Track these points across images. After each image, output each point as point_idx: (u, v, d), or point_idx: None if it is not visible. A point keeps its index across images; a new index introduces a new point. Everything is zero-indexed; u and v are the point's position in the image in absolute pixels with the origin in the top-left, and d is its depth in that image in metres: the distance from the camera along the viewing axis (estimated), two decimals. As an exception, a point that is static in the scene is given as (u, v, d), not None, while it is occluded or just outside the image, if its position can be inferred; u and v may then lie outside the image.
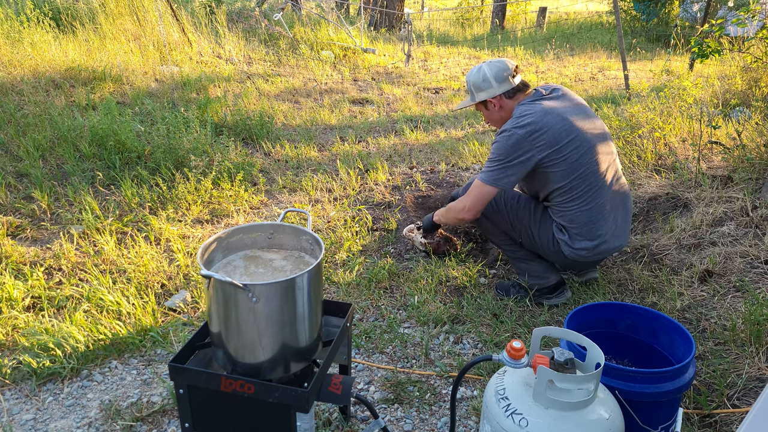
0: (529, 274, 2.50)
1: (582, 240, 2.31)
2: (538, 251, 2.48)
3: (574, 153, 2.20)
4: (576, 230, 2.31)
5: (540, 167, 2.24)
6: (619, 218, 2.37)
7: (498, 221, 2.47)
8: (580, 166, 2.22)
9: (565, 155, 2.19)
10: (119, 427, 1.83)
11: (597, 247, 2.31)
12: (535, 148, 2.19)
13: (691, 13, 10.89)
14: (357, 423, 1.88)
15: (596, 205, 2.27)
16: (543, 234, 2.39)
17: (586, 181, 2.24)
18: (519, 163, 2.21)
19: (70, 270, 2.66)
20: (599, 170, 2.26)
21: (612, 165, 2.34)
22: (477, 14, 14.09)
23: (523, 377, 1.37)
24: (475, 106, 2.46)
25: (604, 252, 2.35)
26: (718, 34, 3.74)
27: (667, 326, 1.69)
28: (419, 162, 4.33)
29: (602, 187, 2.27)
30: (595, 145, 2.25)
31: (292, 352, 1.49)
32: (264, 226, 1.67)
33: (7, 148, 3.83)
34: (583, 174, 2.23)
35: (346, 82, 7.00)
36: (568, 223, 2.31)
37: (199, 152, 3.89)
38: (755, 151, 3.36)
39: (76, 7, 6.72)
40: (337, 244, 3.02)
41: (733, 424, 1.77)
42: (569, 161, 2.20)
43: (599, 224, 2.29)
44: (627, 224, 2.42)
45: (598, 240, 2.30)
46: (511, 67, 2.34)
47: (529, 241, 2.45)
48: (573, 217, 2.29)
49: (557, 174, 2.23)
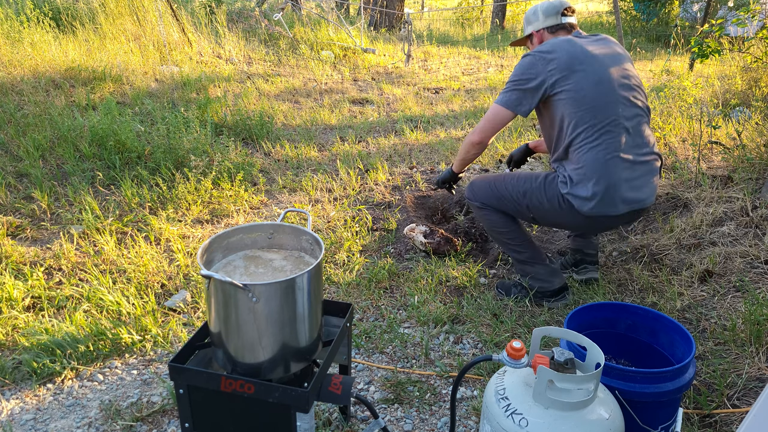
0: (534, 278, 2.47)
1: (588, 183, 2.12)
2: (552, 220, 2.36)
3: (583, 81, 2.12)
4: (582, 173, 2.13)
5: (551, 97, 2.18)
6: (639, 170, 2.17)
7: (504, 205, 2.38)
8: (591, 100, 2.12)
9: (574, 81, 2.12)
10: (119, 427, 1.83)
11: (608, 193, 2.11)
12: (546, 71, 2.15)
13: (691, 13, 10.89)
14: (357, 423, 1.88)
15: (607, 145, 2.11)
16: (550, 196, 2.24)
17: (596, 117, 2.12)
18: (531, 88, 2.18)
19: (70, 270, 2.66)
20: (615, 111, 2.12)
21: (638, 118, 2.19)
22: (477, 14, 14.09)
23: (523, 377, 1.37)
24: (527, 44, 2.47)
25: (617, 203, 2.13)
26: (718, 34, 3.74)
27: (667, 326, 1.69)
28: (419, 162, 4.33)
29: (617, 128, 2.12)
30: (615, 87, 2.15)
31: (292, 352, 1.49)
32: (264, 226, 1.67)
33: (7, 148, 3.83)
34: (594, 107, 2.12)
35: (346, 82, 7.00)
36: (573, 169, 2.16)
37: (199, 152, 3.89)
38: (755, 151, 3.36)
39: (76, 7, 6.72)
40: (337, 244, 3.02)
41: (733, 424, 1.77)
42: (577, 89, 2.12)
43: (609, 165, 2.11)
44: (649, 179, 2.21)
45: (606, 182, 2.10)
46: (564, 5, 2.35)
47: (540, 211, 2.30)
48: (579, 158, 2.14)
49: (565, 103, 2.14)
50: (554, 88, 2.16)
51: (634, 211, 2.23)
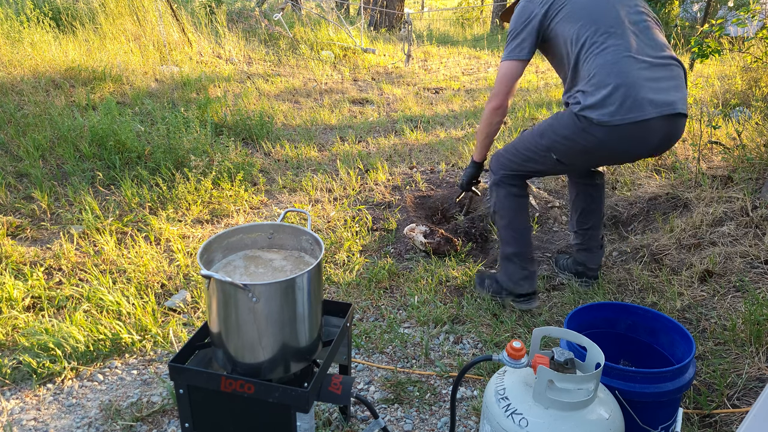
0: (506, 274, 2.42)
1: (603, 89, 1.93)
2: (577, 152, 2.11)
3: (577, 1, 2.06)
4: (595, 82, 1.96)
5: (549, 26, 2.13)
6: (660, 71, 1.99)
7: (527, 163, 2.25)
8: (588, 10, 2.04)
9: (568, 1, 2.08)
10: (119, 427, 1.83)
11: (628, 94, 1.91)
12: (537, 5, 2.12)
13: (691, 13, 10.90)
14: (357, 423, 1.88)
15: (616, 47, 1.97)
16: (566, 122, 2.08)
17: (597, 22, 2.02)
18: (527, 27, 2.14)
19: (70, 270, 2.66)
20: (617, 14, 2.02)
21: (645, 23, 2.06)
22: (477, 14, 14.10)
23: (523, 377, 1.37)
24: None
25: (644, 105, 1.92)
26: (718, 34, 3.74)
27: (667, 326, 1.69)
28: (419, 162, 4.33)
29: (623, 29, 2.00)
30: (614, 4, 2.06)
31: (292, 352, 1.49)
32: (264, 226, 1.67)
33: (7, 148, 3.83)
34: (592, 13, 2.03)
35: (346, 82, 7.00)
36: (585, 83, 1.99)
37: (199, 152, 3.89)
38: (755, 151, 3.36)
39: (76, 7, 6.72)
40: (337, 244, 3.02)
41: (733, 424, 1.77)
42: (572, 7, 2.06)
43: (623, 65, 1.94)
44: (675, 83, 2.01)
45: (623, 81, 1.91)
46: None
47: (561, 146, 2.12)
48: (589, 69, 1.98)
49: (563, 24, 2.07)
50: (549, 16, 2.11)
51: (668, 122, 1.97)
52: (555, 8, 2.10)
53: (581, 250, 2.62)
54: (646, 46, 2.02)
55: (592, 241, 2.59)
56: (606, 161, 2.34)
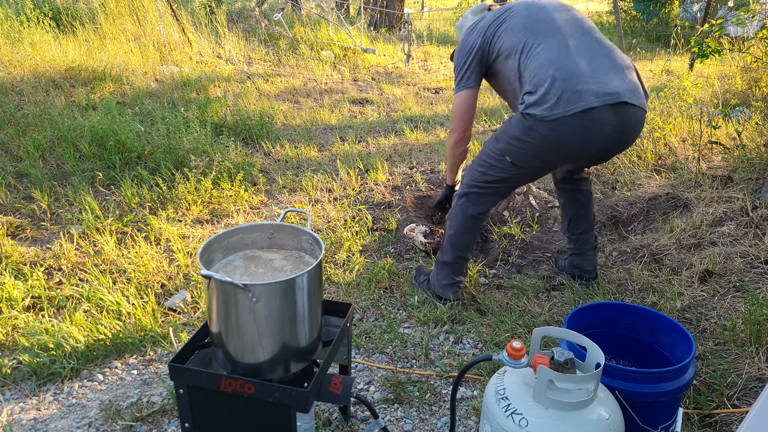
0: (438, 276, 2.48)
1: (543, 85, 1.96)
2: (530, 153, 2.11)
3: (514, 18, 2.17)
4: (536, 81, 1.99)
5: (491, 48, 2.22)
6: (602, 63, 2.01)
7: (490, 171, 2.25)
8: (526, 22, 2.12)
9: (506, 21, 2.18)
10: (119, 427, 1.83)
11: (567, 85, 1.92)
12: (477, 35, 2.24)
13: (691, 13, 10.90)
14: (357, 423, 1.88)
15: (552, 47, 2.02)
16: (515, 123, 2.10)
17: (534, 29, 2.08)
18: (470, 58, 2.26)
19: (70, 270, 2.66)
20: (555, 23, 2.08)
21: (588, 34, 2.11)
22: (477, 14, 14.07)
23: (523, 377, 1.37)
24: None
25: (586, 95, 1.92)
26: (718, 34, 3.74)
27: (667, 326, 1.69)
28: (419, 162, 4.33)
29: (561, 35, 2.05)
30: (549, 10, 2.15)
31: (292, 352, 1.49)
32: (264, 226, 1.67)
33: (7, 148, 3.83)
34: (530, 23, 2.11)
35: (346, 82, 7.00)
36: (528, 84, 2.03)
37: (199, 152, 3.89)
38: (755, 151, 3.36)
39: (76, 7, 6.72)
40: (337, 244, 3.02)
41: (733, 424, 1.77)
42: (511, 24, 2.16)
43: (560, 60, 1.98)
44: (620, 74, 2.02)
45: (561, 74, 1.94)
46: (489, 4, 2.46)
47: (514, 149, 2.12)
48: (530, 72, 2.02)
49: (504, 40, 2.15)
50: (487, 41, 2.22)
51: (615, 112, 1.96)
52: (493, 29, 2.21)
53: (575, 254, 2.65)
54: (585, 43, 2.06)
55: (585, 245, 2.61)
56: (562, 161, 2.26)
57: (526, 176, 2.31)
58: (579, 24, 2.14)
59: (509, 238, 3.11)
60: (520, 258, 2.97)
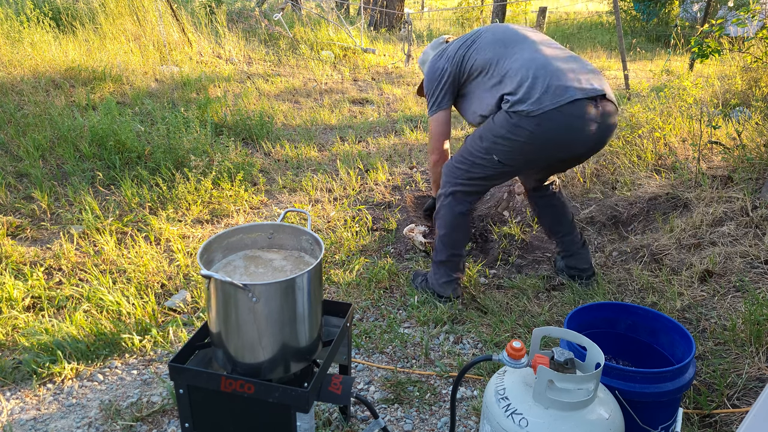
0: (436, 275, 2.51)
1: (525, 82, 2.04)
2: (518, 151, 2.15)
3: (482, 39, 2.27)
4: (517, 81, 2.07)
5: (463, 70, 2.30)
6: (576, 64, 2.14)
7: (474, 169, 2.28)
8: (497, 39, 2.24)
9: (475, 42, 2.28)
10: (119, 427, 1.83)
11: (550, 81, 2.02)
12: (447, 60, 2.32)
13: (691, 13, 10.89)
14: (357, 423, 1.88)
15: (526, 49, 2.14)
16: (499, 122, 2.13)
17: (506, 43, 2.20)
18: (441, 83, 2.35)
19: (70, 270, 2.66)
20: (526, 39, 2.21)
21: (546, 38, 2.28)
22: (477, 14, 14.07)
23: (523, 377, 1.37)
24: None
25: (568, 89, 2.02)
26: (718, 34, 3.74)
27: (667, 326, 1.69)
28: (419, 162, 4.33)
29: (530, 42, 2.18)
30: (517, 29, 2.28)
31: (292, 352, 1.49)
32: (264, 226, 1.67)
33: (7, 148, 3.83)
34: (502, 39, 2.23)
35: (346, 82, 7.00)
36: (509, 84, 2.10)
37: (199, 152, 3.89)
38: (755, 151, 3.36)
39: (76, 7, 6.72)
40: (337, 244, 3.02)
41: (733, 424, 1.77)
42: (480, 43, 2.26)
43: (538, 60, 2.08)
44: (589, 74, 2.12)
45: (542, 72, 2.04)
46: (447, 36, 2.59)
47: (500, 147, 2.16)
48: (510, 74, 2.10)
49: (476, 59, 2.24)
50: (461, 61, 2.29)
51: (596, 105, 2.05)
52: (462, 51, 2.30)
53: (566, 255, 2.67)
54: (557, 50, 2.20)
55: (572, 245, 2.63)
56: (547, 159, 2.26)
57: (512, 174, 2.37)
58: (546, 38, 2.30)
59: (509, 238, 3.11)
60: (520, 258, 2.97)
